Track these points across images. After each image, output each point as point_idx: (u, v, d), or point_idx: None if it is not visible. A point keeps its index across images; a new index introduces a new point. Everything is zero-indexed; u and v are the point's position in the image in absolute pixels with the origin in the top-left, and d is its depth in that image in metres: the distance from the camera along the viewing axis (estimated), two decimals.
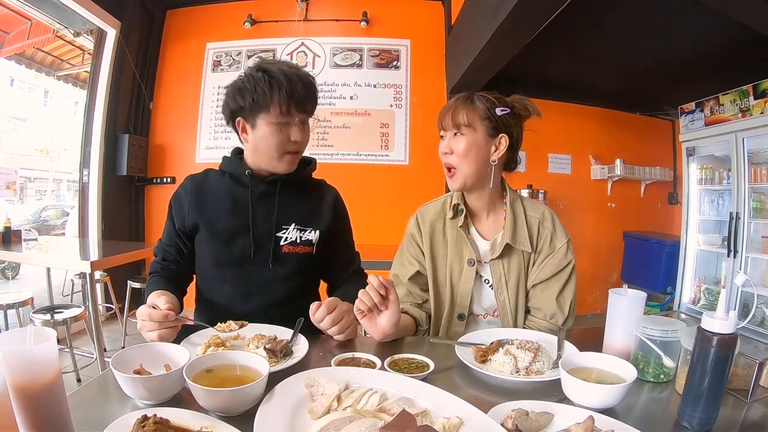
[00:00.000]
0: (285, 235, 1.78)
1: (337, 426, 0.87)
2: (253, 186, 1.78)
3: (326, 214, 1.87)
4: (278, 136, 1.66)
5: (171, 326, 1.37)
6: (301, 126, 1.70)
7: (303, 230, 1.80)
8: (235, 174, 1.80)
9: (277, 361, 1.27)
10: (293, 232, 1.79)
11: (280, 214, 1.79)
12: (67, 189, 16.31)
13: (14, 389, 0.79)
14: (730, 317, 0.99)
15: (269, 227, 1.77)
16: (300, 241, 1.79)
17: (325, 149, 5.98)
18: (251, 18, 6.17)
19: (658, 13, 4.21)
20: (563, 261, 1.74)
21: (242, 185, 1.79)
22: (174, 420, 0.91)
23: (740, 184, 4.91)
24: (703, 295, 5.63)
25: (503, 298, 1.76)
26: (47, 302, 4.58)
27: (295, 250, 1.79)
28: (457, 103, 1.75)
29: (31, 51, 6.82)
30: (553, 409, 1.01)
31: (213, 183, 1.83)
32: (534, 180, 6.13)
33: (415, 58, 6.20)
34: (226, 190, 1.80)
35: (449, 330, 1.80)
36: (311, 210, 1.85)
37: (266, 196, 1.79)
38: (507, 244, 1.73)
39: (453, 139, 1.75)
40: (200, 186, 1.82)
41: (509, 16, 3.46)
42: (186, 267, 1.84)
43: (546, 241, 1.77)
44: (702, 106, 5.39)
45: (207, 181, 1.84)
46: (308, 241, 1.81)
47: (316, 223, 1.84)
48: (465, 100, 1.75)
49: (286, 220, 1.79)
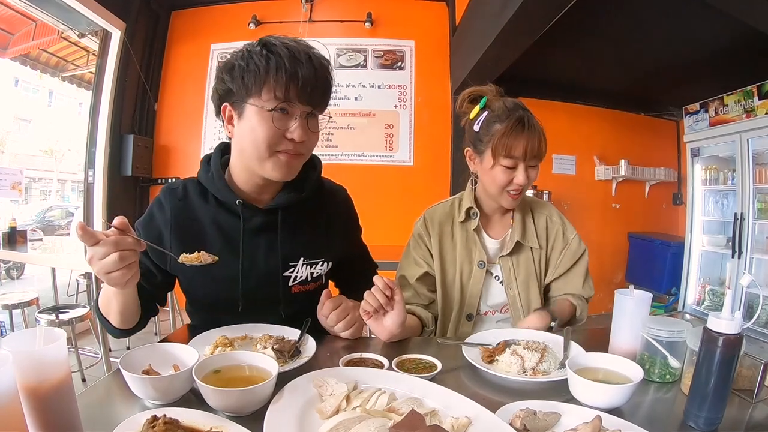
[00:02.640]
0: (293, 274, 1.52)
1: (347, 426, 0.88)
2: (246, 218, 1.45)
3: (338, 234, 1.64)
4: (268, 128, 1.28)
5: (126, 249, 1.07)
6: (304, 122, 1.32)
7: (313, 264, 1.55)
8: (222, 200, 1.46)
9: (285, 362, 1.27)
10: (303, 270, 1.53)
11: (285, 249, 1.50)
12: (72, 189, 16.36)
13: (24, 390, 0.79)
14: (736, 317, 0.99)
15: (274, 269, 1.50)
16: (311, 278, 1.56)
17: (330, 150, 5.98)
18: (256, 19, 6.18)
19: (663, 13, 4.21)
20: (578, 251, 1.84)
21: (233, 215, 1.46)
22: (183, 420, 0.91)
23: (745, 185, 4.91)
24: (708, 296, 5.62)
25: (513, 293, 1.81)
26: (52, 302, 4.59)
27: (306, 288, 1.56)
28: (532, 130, 1.65)
29: (35, 52, 6.84)
30: (561, 408, 1.01)
31: (196, 207, 1.48)
32: (538, 180, 6.04)
33: (420, 59, 6.21)
34: (214, 222, 1.46)
35: (457, 330, 1.82)
36: (320, 237, 1.58)
37: (265, 229, 1.48)
38: (517, 241, 1.78)
39: (530, 170, 1.67)
40: (180, 215, 1.46)
41: (514, 17, 3.46)
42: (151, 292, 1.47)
43: (558, 235, 1.84)
44: (706, 106, 5.39)
45: (189, 205, 1.48)
46: (319, 276, 1.58)
47: (327, 252, 1.59)
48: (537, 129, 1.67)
49: (294, 256, 1.52)
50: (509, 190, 1.68)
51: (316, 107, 1.35)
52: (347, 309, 1.47)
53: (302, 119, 1.31)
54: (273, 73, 1.26)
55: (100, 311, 1.36)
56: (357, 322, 1.48)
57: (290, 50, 1.29)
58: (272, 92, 1.27)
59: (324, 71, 1.35)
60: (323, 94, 1.36)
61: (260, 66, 1.27)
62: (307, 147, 1.39)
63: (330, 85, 1.39)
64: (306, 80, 1.27)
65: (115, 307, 1.30)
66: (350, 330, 1.48)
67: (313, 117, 1.36)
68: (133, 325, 1.40)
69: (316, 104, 1.34)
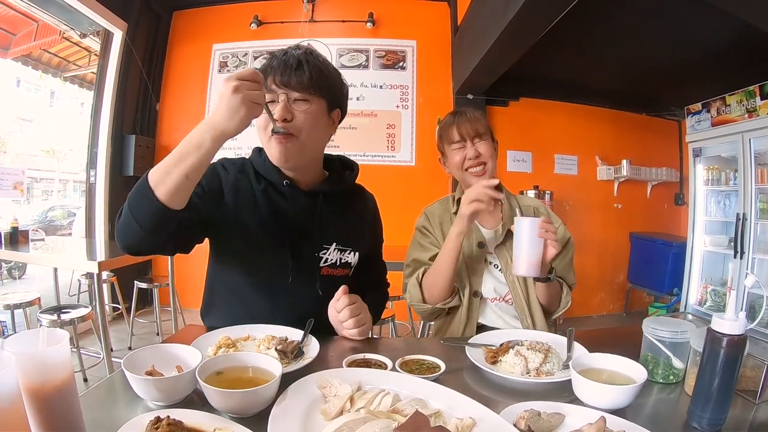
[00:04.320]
0: (326, 256, 1.64)
1: (352, 427, 0.88)
2: (292, 198, 1.60)
3: (368, 231, 1.81)
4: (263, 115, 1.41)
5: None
6: (287, 103, 1.45)
7: (344, 251, 1.68)
8: (272, 181, 1.60)
9: (288, 362, 1.27)
10: (334, 253, 1.66)
11: (322, 232, 1.64)
12: (74, 189, 16.36)
13: (27, 391, 0.80)
14: (740, 318, 1.00)
15: (311, 247, 1.62)
16: (340, 263, 1.68)
17: (332, 150, 5.76)
18: (257, 19, 6.18)
19: (665, 13, 4.21)
20: (564, 238, 1.97)
21: (280, 194, 1.60)
22: (187, 421, 0.91)
23: (747, 185, 4.90)
24: (710, 297, 5.61)
25: (513, 279, 1.93)
26: (54, 302, 4.60)
27: (334, 273, 1.67)
28: (465, 115, 1.97)
29: (37, 52, 6.83)
30: (565, 409, 1.01)
31: (251, 182, 1.61)
32: (540, 181, 6.12)
33: (422, 59, 6.21)
34: (264, 196, 1.59)
35: (470, 308, 1.93)
36: (352, 227, 1.73)
37: (307, 211, 1.62)
38: (509, 230, 1.93)
39: (478, 145, 1.93)
40: (239, 183, 1.59)
41: (516, 17, 3.47)
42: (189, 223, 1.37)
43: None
44: (708, 106, 5.38)
45: (245, 177, 1.61)
46: (347, 263, 1.70)
47: (357, 243, 1.72)
48: (472, 113, 1.99)
49: (328, 240, 1.65)
50: (469, 170, 1.94)
51: (294, 90, 1.47)
52: (360, 308, 1.53)
53: (284, 101, 1.45)
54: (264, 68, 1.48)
55: (147, 183, 1.23)
56: (367, 323, 1.54)
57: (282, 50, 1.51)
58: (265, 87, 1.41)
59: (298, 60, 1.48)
60: (297, 77, 1.46)
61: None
62: (296, 127, 1.48)
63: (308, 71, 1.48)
64: (283, 68, 1.46)
65: (189, 164, 1.21)
66: (359, 329, 1.51)
67: (298, 101, 1.48)
68: (181, 206, 1.27)
69: (294, 87, 1.46)
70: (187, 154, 1.20)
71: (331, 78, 1.57)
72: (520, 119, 6.33)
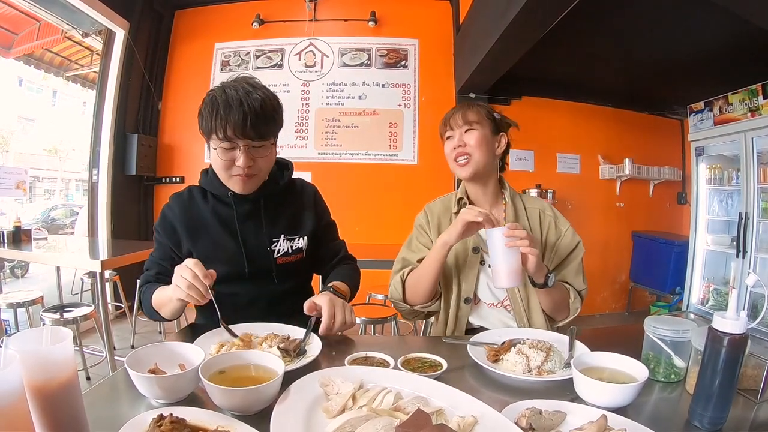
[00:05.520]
0: (277, 248, 1.80)
1: (354, 425, 0.88)
2: (238, 206, 1.77)
3: (309, 216, 1.91)
4: (222, 160, 1.61)
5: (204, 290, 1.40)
6: (247, 150, 1.60)
7: (292, 239, 1.83)
8: (218, 195, 1.79)
9: (290, 361, 1.28)
10: (284, 244, 1.81)
11: (269, 228, 1.80)
12: (76, 188, 16.39)
13: (31, 389, 0.80)
14: (742, 317, 1.00)
15: (263, 243, 1.78)
16: (292, 251, 1.82)
17: (334, 149, 5.98)
18: (259, 18, 6.19)
19: (667, 11, 4.20)
20: (573, 242, 1.90)
21: (227, 205, 1.79)
22: (190, 419, 0.91)
23: (749, 184, 4.89)
24: (712, 296, 5.60)
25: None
26: (57, 301, 4.62)
27: (289, 260, 1.82)
28: (462, 106, 1.93)
29: (39, 52, 6.85)
30: (566, 408, 1.02)
31: (199, 205, 1.81)
32: (542, 180, 6.11)
33: (424, 58, 6.21)
34: (213, 212, 1.79)
35: (458, 313, 1.90)
36: (295, 217, 1.88)
37: (252, 214, 1.80)
38: None
39: (465, 134, 1.87)
40: (188, 210, 1.79)
41: (518, 16, 3.46)
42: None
43: (551, 227, 1.91)
44: (711, 105, 5.37)
45: (193, 203, 1.81)
46: (299, 248, 1.84)
47: (302, 229, 1.87)
48: (468, 104, 1.94)
49: (276, 233, 1.81)
50: (455, 159, 1.89)
51: (254, 139, 1.60)
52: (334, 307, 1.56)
53: (246, 150, 1.60)
54: (215, 121, 1.54)
55: (151, 306, 1.65)
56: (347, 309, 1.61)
57: (229, 98, 1.55)
58: (217, 134, 1.56)
59: (256, 111, 1.56)
60: (258, 128, 1.58)
61: (207, 115, 1.58)
62: (259, 168, 1.67)
63: (265, 120, 1.60)
64: (238, 122, 1.53)
65: (172, 308, 1.56)
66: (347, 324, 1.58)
67: (256, 147, 1.63)
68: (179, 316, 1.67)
69: (254, 137, 1.59)
70: (167, 303, 1.55)
71: (276, 113, 1.67)
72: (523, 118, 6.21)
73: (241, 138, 1.56)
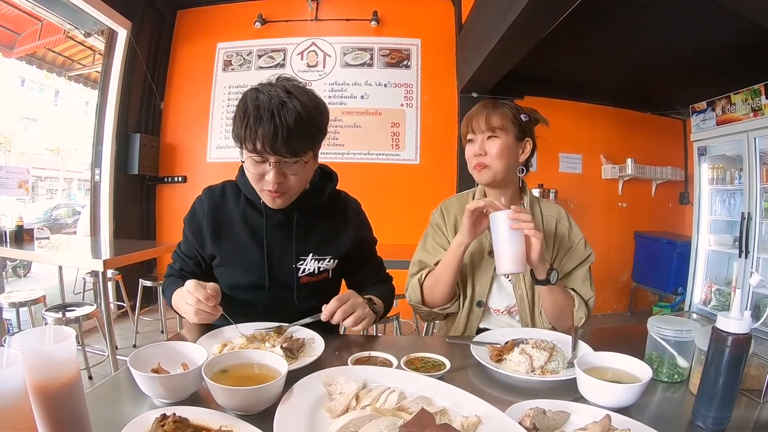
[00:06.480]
0: (303, 266, 1.70)
1: (357, 425, 0.88)
2: (269, 215, 1.68)
3: (347, 236, 1.79)
4: (253, 172, 1.50)
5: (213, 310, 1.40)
6: (278, 166, 1.47)
7: (321, 260, 1.73)
8: (251, 199, 1.69)
9: (294, 360, 1.28)
10: (311, 263, 1.71)
11: (299, 244, 1.70)
12: (78, 188, 16.39)
13: (33, 388, 0.80)
14: (745, 317, 1.00)
15: (288, 259, 1.69)
16: (318, 271, 1.73)
17: (336, 148, 5.98)
18: (261, 18, 6.19)
19: (669, 11, 4.19)
20: (584, 253, 1.88)
21: (258, 212, 1.69)
22: (193, 419, 0.91)
23: (752, 184, 4.88)
24: (714, 296, 5.59)
25: (521, 292, 1.84)
26: (59, 300, 4.63)
27: (313, 280, 1.73)
28: (487, 107, 1.81)
29: (42, 51, 6.86)
30: (570, 407, 1.01)
31: (230, 206, 1.72)
32: (545, 179, 6.11)
33: (426, 58, 6.21)
34: (243, 217, 1.70)
35: (469, 316, 1.88)
36: (329, 237, 1.76)
37: (283, 226, 1.69)
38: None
39: (487, 142, 1.78)
40: (218, 209, 1.71)
41: (520, 16, 3.46)
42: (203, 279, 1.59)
43: (565, 236, 1.89)
44: (713, 105, 5.36)
45: (225, 203, 1.73)
46: (325, 270, 1.74)
47: (335, 250, 1.76)
48: (494, 106, 1.81)
49: (304, 251, 1.71)
50: (474, 164, 1.80)
51: (286, 156, 1.45)
52: (354, 305, 1.51)
53: (276, 166, 1.46)
54: (246, 130, 1.41)
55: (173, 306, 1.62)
56: (366, 318, 1.53)
57: (262, 106, 1.40)
58: (246, 146, 1.45)
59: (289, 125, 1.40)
60: (291, 144, 1.43)
61: (237, 123, 1.45)
62: (290, 186, 1.54)
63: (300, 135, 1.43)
64: (268, 136, 1.39)
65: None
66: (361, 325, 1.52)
67: (289, 163, 1.49)
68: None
69: (285, 153, 1.44)
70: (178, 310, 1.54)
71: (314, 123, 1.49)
72: None
73: (271, 153, 1.43)
